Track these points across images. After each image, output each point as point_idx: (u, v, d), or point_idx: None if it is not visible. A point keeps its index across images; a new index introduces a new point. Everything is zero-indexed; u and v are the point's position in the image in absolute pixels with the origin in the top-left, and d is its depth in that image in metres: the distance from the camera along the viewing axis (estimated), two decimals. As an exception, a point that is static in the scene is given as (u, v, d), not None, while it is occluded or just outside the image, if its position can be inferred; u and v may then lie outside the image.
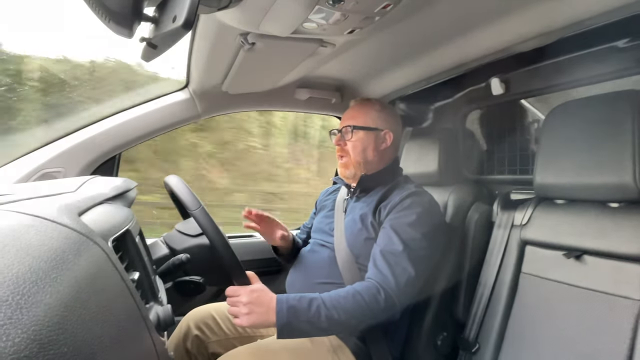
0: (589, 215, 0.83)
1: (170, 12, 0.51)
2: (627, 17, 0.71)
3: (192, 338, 1.01)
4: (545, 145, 0.91)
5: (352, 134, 1.03)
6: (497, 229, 1.04)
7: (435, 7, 0.80)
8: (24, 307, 0.27)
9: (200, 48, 1.01)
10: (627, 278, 0.73)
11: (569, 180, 0.85)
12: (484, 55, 0.97)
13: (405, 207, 0.93)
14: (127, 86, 1.69)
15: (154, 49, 0.58)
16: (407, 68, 1.18)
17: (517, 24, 0.84)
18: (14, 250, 0.32)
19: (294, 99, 1.43)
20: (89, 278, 0.37)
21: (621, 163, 0.75)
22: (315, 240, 1.10)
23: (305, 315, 0.76)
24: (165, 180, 0.89)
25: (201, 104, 1.30)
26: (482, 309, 1.00)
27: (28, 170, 1.12)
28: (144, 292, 0.66)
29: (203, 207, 0.80)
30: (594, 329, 0.76)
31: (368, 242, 0.95)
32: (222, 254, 0.79)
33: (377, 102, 1.08)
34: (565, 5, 0.75)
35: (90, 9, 0.51)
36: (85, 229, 0.43)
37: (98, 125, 1.21)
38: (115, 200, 0.72)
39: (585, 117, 0.84)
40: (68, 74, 1.67)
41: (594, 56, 0.96)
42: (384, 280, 0.84)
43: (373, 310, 0.81)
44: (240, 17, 0.77)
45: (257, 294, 0.78)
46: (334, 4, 0.68)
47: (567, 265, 0.83)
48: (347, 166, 1.05)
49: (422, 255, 0.89)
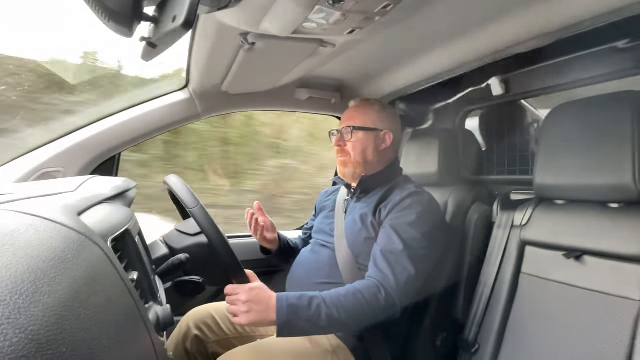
0: (588, 215, 0.83)
1: (170, 11, 0.51)
2: (626, 18, 0.71)
3: (192, 338, 1.01)
4: (545, 146, 0.91)
5: (352, 135, 1.03)
6: (497, 229, 1.04)
7: (435, 7, 0.80)
8: (22, 307, 0.27)
9: (200, 48, 1.01)
10: (627, 278, 0.73)
11: (568, 181, 0.85)
12: (484, 55, 0.97)
13: (406, 207, 0.93)
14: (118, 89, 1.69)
15: (154, 49, 0.58)
16: (407, 68, 1.18)
17: (517, 24, 0.84)
18: (13, 249, 0.32)
19: (294, 99, 1.43)
20: (87, 278, 0.37)
21: (621, 164, 0.75)
22: (315, 240, 1.10)
23: (305, 313, 0.76)
24: (164, 180, 0.89)
25: (201, 104, 1.30)
26: (482, 309, 1.00)
27: (28, 169, 1.11)
28: (143, 292, 0.65)
29: (201, 205, 0.80)
30: (594, 329, 0.75)
31: (368, 242, 0.95)
32: (220, 252, 0.78)
33: (376, 103, 1.08)
34: (564, 6, 0.75)
35: (90, 9, 0.51)
36: (84, 229, 0.43)
37: (98, 125, 1.21)
38: (115, 200, 0.72)
39: (585, 118, 0.84)
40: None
41: (594, 57, 0.96)
42: (385, 279, 0.84)
43: (373, 309, 0.80)
44: (240, 17, 0.77)
45: (257, 292, 0.78)
46: (334, 4, 0.68)
47: (567, 265, 0.83)
48: (347, 165, 1.05)
49: (423, 255, 0.89)
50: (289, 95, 1.41)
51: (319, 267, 1.01)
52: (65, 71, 1.69)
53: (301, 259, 1.09)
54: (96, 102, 1.64)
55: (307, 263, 1.05)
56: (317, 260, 1.03)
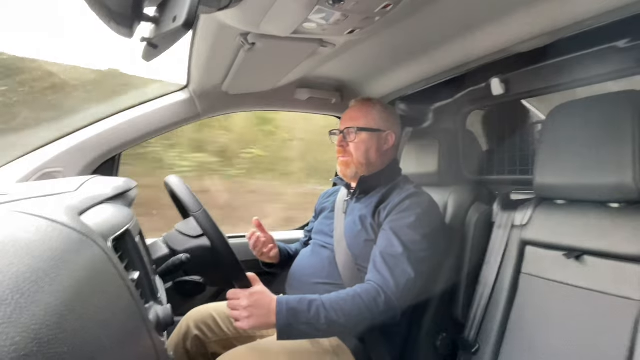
0: (589, 215, 0.83)
1: (170, 12, 0.51)
2: (627, 17, 0.71)
3: (192, 338, 1.01)
4: (546, 146, 0.91)
5: (356, 136, 1.03)
6: (497, 229, 1.04)
7: (436, 7, 0.80)
8: (24, 306, 0.27)
9: (200, 48, 1.01)
10: (627, 278, 0.73)
11: (569, 181, 0.85)
12: (484, 55, 0.97)
13: (405, 209, 0.93)
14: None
15: (155, 49, 0.58)
16: (407, 68, 1.18)
17: (518, 24, 0.84)
18: (14, 249, 0.32)
19: (294, 99, 1.43)
20: (88, 278, 0.37)
21: (621, 163, 0.75)
22: (315, 241, 1.10)
23: (305, 317, 0.76)
24: (165, 181, 0.89)
25: (201, 104, 1.30)
26: (482, 309, 1.00)
27: (28, 170, 1.11)
28: (144, 291, 0.65)
29: (204, 209, 0.80)
30: (594, 329, 0.75)
31: (368, 244, 0.95)
32: (223, 256, 0.79)
33: (377, 103, 1.08)
34: (565, 6, 0.75)
35: (90, 9, 0.51)
36: (85, 229, 0.43)
37: (98, 126, 1.21)
38: (116, 200, 0.72)
39: (586, 118, 0.84)
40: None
41: (595, 56, 0.96)
42: (384, 283, 0.84)
43: (373, 313, 0.80)
44: (240, 17, 0.77)
45: (257, 296, 0.78)
46: (334, 4, 0.68)
47: (567, 265, 0.83)
48: (348, 165, 1.04)
49: (422, 257, 0.89)
50: (289, 95, 1.41)
51: (319, 268, 1.01)
52: (66, 71, 1.70)
53: (301, 260, 1.09)
54: (96, 102, 1.65)
55: (307, 264, 1.05)
56: (316, 261, 1.03)
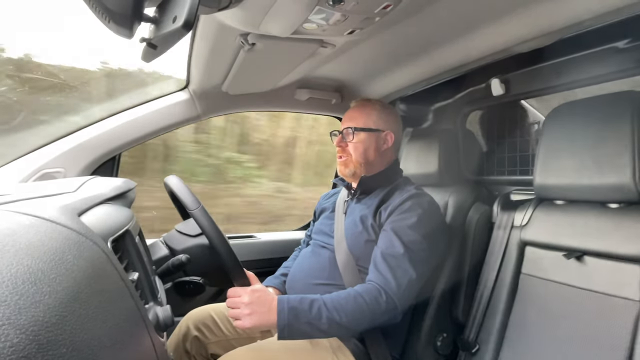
0: (588, 216, 0.83)
1: (170, 12, 0.51)
2: (627, 18, 0.71)
3: (192, 339, 1.01)
4: (545, 146, 0.91)
5: (354, 136, 1.03)
6: (497, 229, 1.04)
7: (436, 7, 0.80)
8: (23, 307, 0.27)
9: (200, 48, 1.01)
10: (626, 279, 0.73)
11: (569, 181, 0.85)
12: (484, 56, 0.97)
13: (406, 210, 0.93)
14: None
15: (154, 50, 0.58)
16: (407, 69, 1.18)
17: (517, 24, 0.84)
18: (13, 250, 0.32)
19: (294, 100, 1.43)
20: (88, 278, 0.37)
21: (621, 164, 0.75)
22: (315, 241, 1.09)
23: (306, 316, 0.76)
24: (165, 181, 0.89)
25: (201, 105, 1.30)
26: (482, 309, 1.00)
27: (28, 170, 1.12)
28: (144, 292, 0.65)
29: (202, 206, 0.80)
30: (594, 329, 0.75)
31: (368, 245, 0.95)
32: (222, 254, 0.79)
33: (377, 103, 1.08)
34: (565, 6, 0.75)
35: (90, 9, 0.51)
36: (84, 230, 0.43)
37: (98, 126, 1.21)
38: (115, 201, 0.72)
39: (585, 118, 0.84)
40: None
41: (594, 57, 0.96)
42: (386, 283, 0.84)
43: (374, 313, 0.80)
44: (240, 18, 0.77)
45: (259, 293, 0.78)
46: (334, 5, 0.68)
47: (567, 266, 0.83)
48: (347, 164, 1.05)
49: (423, 257, 0.89)
50: (289, 95, 1.41)
51: (319, 269, 1.01)
52: (66, 72, 1.70)
53: (301, 260, 1.09)
54: (97, 102, 1.65)
55: (307, 264, 1.05)
56: (317, 261, 1.03)
